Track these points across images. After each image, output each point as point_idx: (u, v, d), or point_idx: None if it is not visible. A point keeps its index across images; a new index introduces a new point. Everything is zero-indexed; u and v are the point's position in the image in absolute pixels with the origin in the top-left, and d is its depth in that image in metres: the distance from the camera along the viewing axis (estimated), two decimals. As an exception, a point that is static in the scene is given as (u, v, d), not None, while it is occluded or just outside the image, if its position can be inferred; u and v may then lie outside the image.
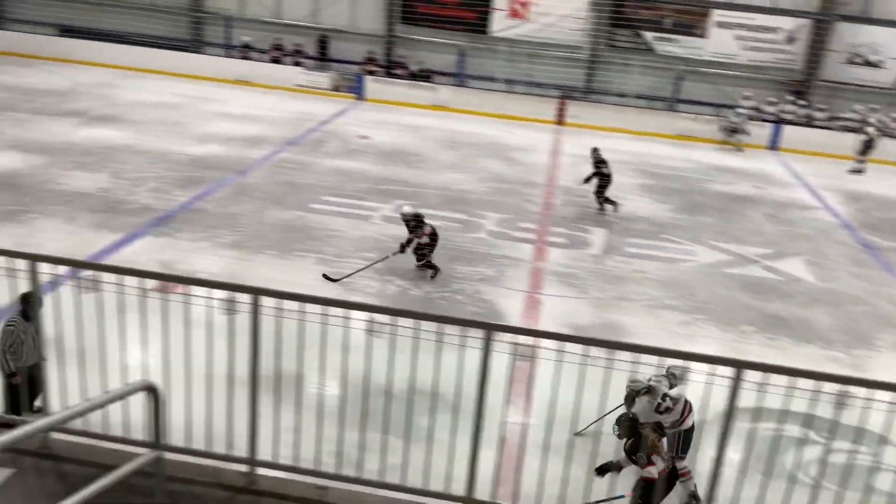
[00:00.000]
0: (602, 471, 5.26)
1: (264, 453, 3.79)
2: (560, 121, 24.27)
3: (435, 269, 11.50)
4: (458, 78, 25.88)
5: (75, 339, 4.15)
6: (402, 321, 3.73)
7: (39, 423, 2.54)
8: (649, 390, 5.95)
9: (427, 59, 25.74)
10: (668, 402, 5.86)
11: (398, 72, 25.50)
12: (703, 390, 3.80)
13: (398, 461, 3.97)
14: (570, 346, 3.56)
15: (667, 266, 13.10)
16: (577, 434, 6.32)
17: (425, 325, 3.78)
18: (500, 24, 25.56)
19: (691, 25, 25.17)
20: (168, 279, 3.89)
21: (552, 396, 3.82)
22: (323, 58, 26.58)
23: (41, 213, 12.62)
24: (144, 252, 11.62)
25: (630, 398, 5.93)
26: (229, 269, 11.16)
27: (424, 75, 25.52)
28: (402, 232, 13.17)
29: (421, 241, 11.42)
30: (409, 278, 11.41)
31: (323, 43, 26.53)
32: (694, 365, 3.67)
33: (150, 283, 3.97)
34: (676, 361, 3.44)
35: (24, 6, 27.02)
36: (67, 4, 26.60)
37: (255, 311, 3.62)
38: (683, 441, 5.96)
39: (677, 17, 25.14)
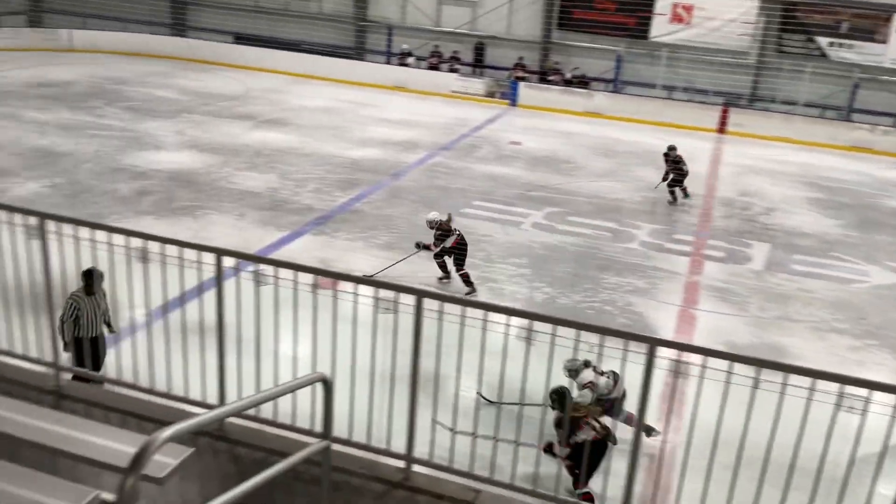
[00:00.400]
0: (548, 448, 6.03)
1: (420, 451, 3.87)
2: (722, 129, 23.27)
3: (471, 286, 10.92)
4: (615, 84, 25.41)
5: (236, 327, 4.38)
6: (560, 330, 3.70)
7: (224, 409, 2.73)
8: (587, 364, 6.79)
9: (582, 65, 25.45)
10: (609, 379, 6.92)
11: (552, 78, 25.37)
12: (881, 422, 3.51)
13: (552, 471, 3.93)
14: (735, 367, 3.41)
15: (836, 286, 12.24)
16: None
17: (583, 335, 3.73)
18: (660, 28, 24.87)
19: (871, 30, 23.41)
20: (343, 278, 4.00)
21: (712, 418, 3.65)
22: (478, 64, 26.89)
23: (214, 210, 13.51)
24: (305, 250, 12.19)
25: (573, 372, 6.63)
26: (381, 268, 11.50)
27: (580, 81, 25.24)
28: (551, 239, 13.10)
29: (445, 247, 11.06)
30: (557, 286, 11.31)
31: (479, 50, 26.85)
32: (876, 395, 3.39)
33: (311, 279, 4.11)
34: (851, 389, 3.19)
35: (204, 15, 29.12)
36: (243, 13, 28.42)
37: (419, 312, 3.71)
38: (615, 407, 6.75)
39: (855, 21, 23.46)
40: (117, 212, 12.95)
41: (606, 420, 6.34)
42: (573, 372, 6.62)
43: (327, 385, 2.96)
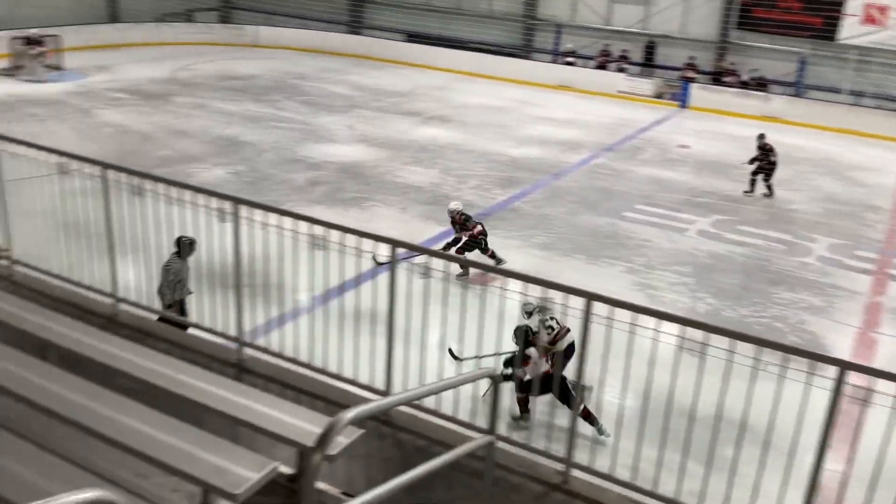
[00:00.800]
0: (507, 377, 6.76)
1: (580, 457, 3.82)
2: (915, 140, 21.35)
3: (498, 258, 11.32)
4: (796, 88, 23.90)
5: (405, 317, 4.50)
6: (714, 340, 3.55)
7: (402, 396, 2.84)
8: (540, 310, 6.95)
9: (761, 67, 24.13)
10: (552, 322, 7.28)
11: (728, 79, 24.23)
12: None
13: (696, 487, 3.77)
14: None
15: None
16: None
17: (741, 347, 3.57)
18: (850, 30, 23.11)
19: None
20: (530, 280, 4.01)
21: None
22: (647, 64, 26.16)
23: (380, 202, 13.99)
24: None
25: (528, 314, 7.22)
26: (537, 269, 11.46)
27: (757, 84, 23.95)
28: (718, 248, 12.55)
29: (469, 237, 11.11)
30: (722, 298, 10.81)
31: (650, 49, 26.12)
32: None
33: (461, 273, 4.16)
34: None
35: (379, 14, 30.18)
36: (416, 12, 29.20)
37: (587, 317, 3.66)
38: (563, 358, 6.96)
39: None
40: (292, 200, 13.69)
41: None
42: (528, 314, 7.32)
43: (495, 382, 2.99)
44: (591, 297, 3.63)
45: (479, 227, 11.34)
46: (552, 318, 7.16)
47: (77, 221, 5.81)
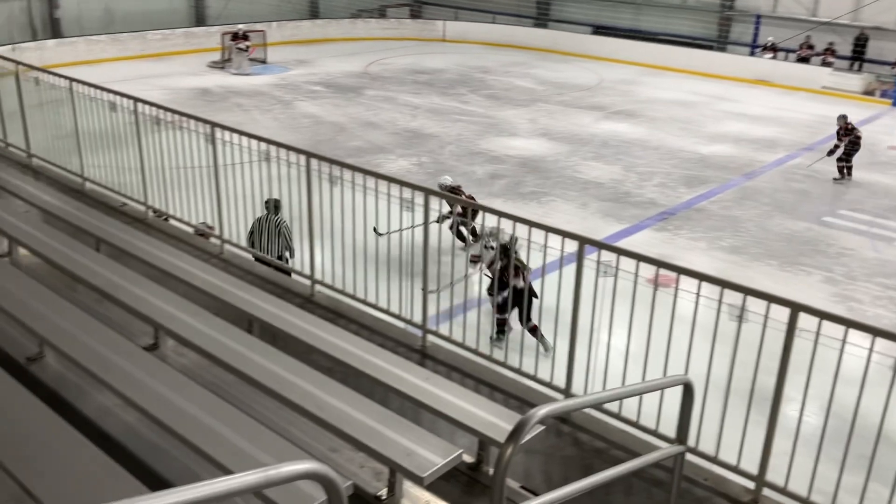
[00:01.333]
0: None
1: (772, 477, 3.58)
2: None
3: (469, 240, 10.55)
4: None
5: (591, 317, 4.40)
6: None
7: (592, 397, 2.80)
8: (491, 233, 7.06)
9: None
10: (491, 242, 7.28)
11: (952, 76, 21.84)
12: None
13: None
14: None
15: None
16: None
17: None
18: None
19: None
20: (728, 285, 3.82)
21: None
22: (857, 57, 24.09)
23: (559, 197, 13.88)
24: (643, 245, 11.97)
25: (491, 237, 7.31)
26: (724, 273, 10.87)
27: None
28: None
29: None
30: (938, 317, 9.77)
31: (860, 42, 24.01)
32: None
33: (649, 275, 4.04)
34: None
35: (567, 7, 29.89)
36: (606, 4, 28.64)
37: (791, 328, 3.42)
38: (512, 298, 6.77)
39: None
40: (472, 192, 13.87)
41: None
42: (491, 236, 7.40)
43: (689, 390, 2.86)
44: (796, 307, 3.38)
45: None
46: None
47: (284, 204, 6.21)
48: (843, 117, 15.30)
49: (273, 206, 8.00)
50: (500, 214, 4.64)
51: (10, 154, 8.11)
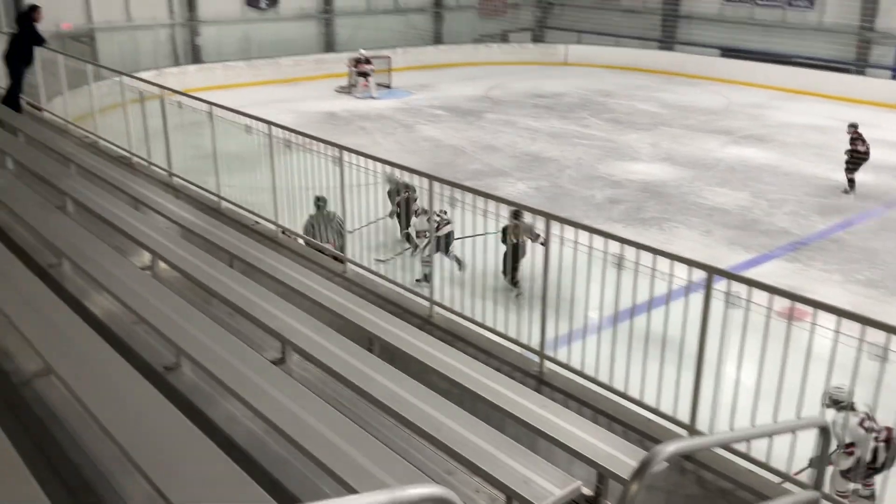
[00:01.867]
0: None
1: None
2: None
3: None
4: None
5: (718, 349, 4.23)
6: None
7: (717, 437, 2.68)
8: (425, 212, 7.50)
9: None
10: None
11: None
12: None
13: None
14: None
15: None
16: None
17: None
18: None
19: None
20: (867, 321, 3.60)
21: None
22: None
23: (682, 223, 13.48)
24: (772, 275, 11.42)
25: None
26: (860, 308, 10.21)
27: None
28: None
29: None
30: None
31: None
32: None
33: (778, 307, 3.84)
34: None
35: (694, 29, 29.11)
36: (735, 26, 27.71)
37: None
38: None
39: None
40: (591, 217, 13.70)
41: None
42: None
43: (825, 433, 2.69)
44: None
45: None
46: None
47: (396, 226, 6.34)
48: (851, 126, 15.75)
49: (322, 202, 8.66)
50: (623, 241, 4.54)
51: (153, 172, 8.67)
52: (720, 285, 4.16)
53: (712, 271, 4.02)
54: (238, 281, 4.87)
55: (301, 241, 7.37)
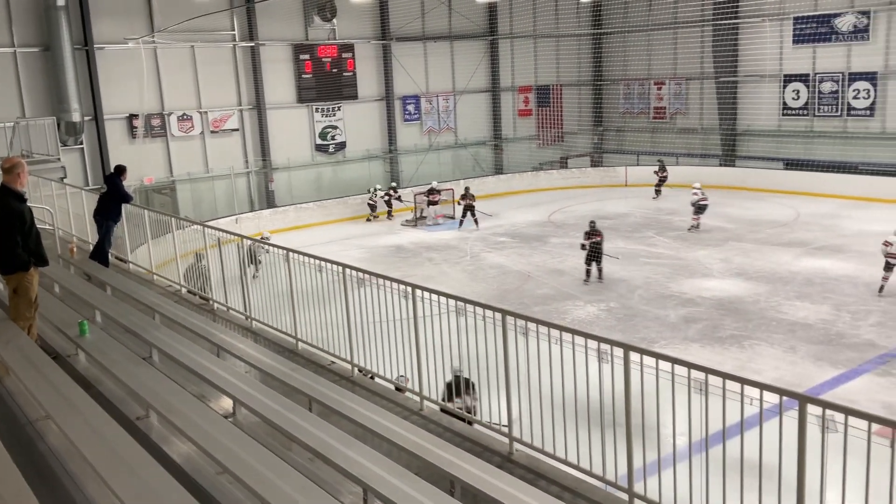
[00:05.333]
0: None
1: None
2: None
3: None
4: None
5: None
6: None
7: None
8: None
9: None
10: None
11: None
12: None
13: None
14: None
15: None
16: None
17: None
18: None
19: None
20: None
21: None
22: None
23: (763, 340, 13.06)
24: (865, 392, 10.90)
25: None
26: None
27: None
28: None
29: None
30: None
31: None
32: None
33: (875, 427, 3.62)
34: None
35: (754, 143, 29.19)
36: (795, 139, 27.76)
37: None
38: None
39: None
40: (666, 337, 13.44)
41: None
42: None
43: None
44: None
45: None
46: None
47: (472, 357, 6.31)
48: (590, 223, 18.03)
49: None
50: (705, 370, 4.39)
51: (232, 317, 8.94)
52: (814, 408, 3.99)
53: (805, 400, 3.85)
54: (317, 425, 4.88)
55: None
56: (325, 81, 27.78)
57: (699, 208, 21.78)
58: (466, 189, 24.48)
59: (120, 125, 23.84)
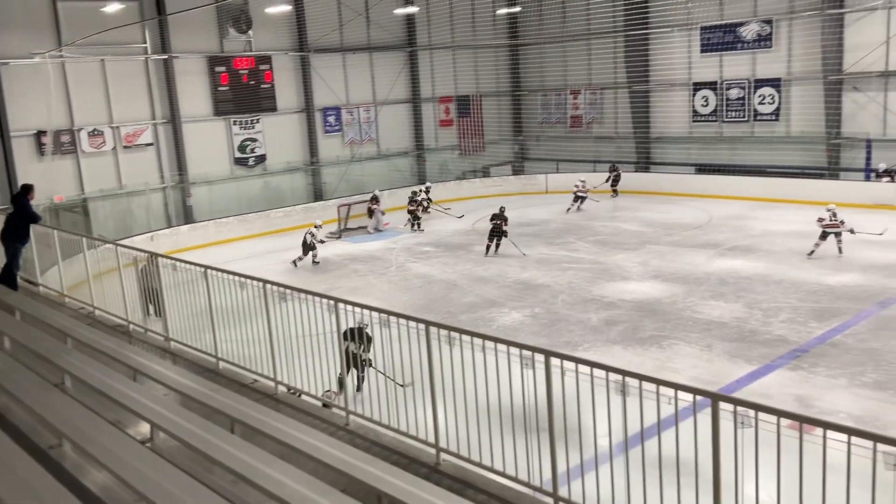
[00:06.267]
0: None
1: None
2: None
3: None
4: None
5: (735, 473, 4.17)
6: None
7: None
8: None
9: None
10: None
11: None
12: None
13: None
14: None
15: None
16: None
17: None
18: None
19: None
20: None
21: None
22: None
23: (681, 340, 13.45)
24: (779, 386, 11.35)
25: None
26: (871, 413, 10.12)
27: None
28: None
29: None
30: None
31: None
32: None
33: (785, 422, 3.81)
34: None
35: (667, 149, 30.22)
36: (705, 144, 28.84)
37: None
38: None
39: None
40: (589, 340, 13.70)
41: None
42: None
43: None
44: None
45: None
46: None
47: (397, 369, 6.32)
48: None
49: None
50: (623, 373, 4.52)
51: (150, 339, 8.70)
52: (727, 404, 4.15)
53: (717, 398, 4.00)
54: (239, 446, 4.79)
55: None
56: (243, 94, 27.34)
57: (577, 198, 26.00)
58: (501, 209, 22.12)
59: (27, 142, 22.88)
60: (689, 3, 27.94)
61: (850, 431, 3.59)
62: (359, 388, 9.25)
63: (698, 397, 4.22)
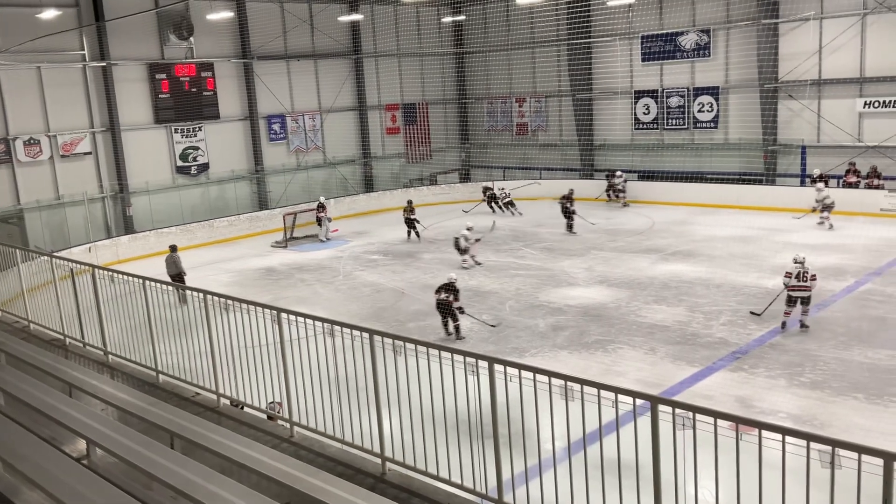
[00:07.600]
0: None
1: None
2: None
3: None
4: None
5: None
6: None
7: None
8: None
9: None
10: None
11: None
12: None
13: None
14: None
15: None
16: None
17: None
18: None
19: None
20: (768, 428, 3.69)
21: None
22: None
23: (625, 343, 13.65)
24: (720, 387, 11.59)
25: None
26: (808, 412, 10.41)
27: None
28: None
29: None
30: None
31: (911, 161, 23.86)
32: None
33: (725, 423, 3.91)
34: None
35: (610, 157, 30.72)
36: (647, 151, 29.42)
37: (889, 480, 3.21)
38: None
39: None
40: (536, 345, 13.80)
41: None
42: None
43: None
44: (890, 457, 3.18)
45: None
46: None
47: (343, 378, 6.26)
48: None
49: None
50: (566, 378, 4.57)
51: (88, 353, 8.46)
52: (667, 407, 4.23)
53: (656, 401, 4.06)
54: (179, 461, 4.69)
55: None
56: (184, 101, 26.87)
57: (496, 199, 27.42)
58: (409, 203, 24.59)
59: (-42, 152, 22.12)
60: (630, 13, 28.50)
61: (785, 431, 3.68)
62: (458, 336, 13.48)
63: (639, 401, 4.29)
